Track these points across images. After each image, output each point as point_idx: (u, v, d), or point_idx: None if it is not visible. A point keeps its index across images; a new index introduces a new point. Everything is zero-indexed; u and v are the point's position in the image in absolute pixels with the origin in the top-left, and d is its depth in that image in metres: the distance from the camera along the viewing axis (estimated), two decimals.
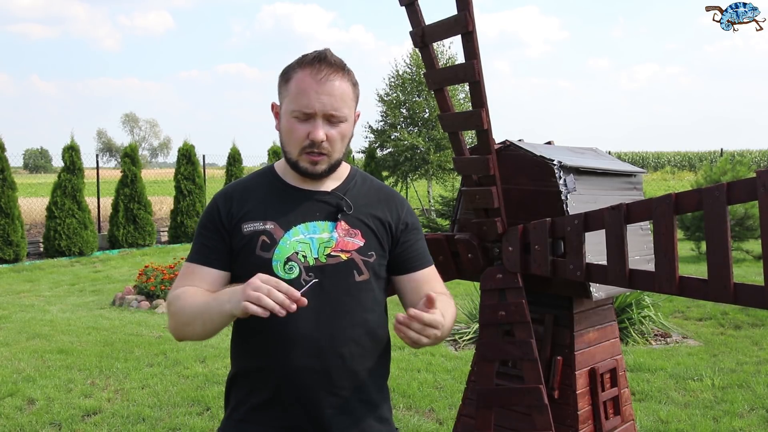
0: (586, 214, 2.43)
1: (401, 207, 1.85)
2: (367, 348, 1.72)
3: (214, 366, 5.84)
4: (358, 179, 1.85)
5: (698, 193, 2.17)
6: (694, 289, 2.22)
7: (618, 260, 2.36)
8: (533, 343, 2.50)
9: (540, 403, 2.47)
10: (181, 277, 1.76)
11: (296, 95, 1.68)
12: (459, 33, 2.43)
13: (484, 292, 2.66)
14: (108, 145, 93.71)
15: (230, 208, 1.75)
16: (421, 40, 2.56)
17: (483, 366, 2.63)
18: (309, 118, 1.67)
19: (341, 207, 1.75)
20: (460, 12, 2.40)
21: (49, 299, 9.49)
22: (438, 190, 21.60)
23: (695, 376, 5.50)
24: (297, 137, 1.69)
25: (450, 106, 2.60)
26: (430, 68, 2.58)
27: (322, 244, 1.71)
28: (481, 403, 2.61)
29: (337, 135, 1.71)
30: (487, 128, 2.48)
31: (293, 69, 1.71)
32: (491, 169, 2.52)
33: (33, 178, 46.55)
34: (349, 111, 1.72)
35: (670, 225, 2.23)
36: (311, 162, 1.71)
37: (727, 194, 2.09)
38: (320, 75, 1.66)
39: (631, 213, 2.33)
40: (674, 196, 2.23)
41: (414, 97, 21.18)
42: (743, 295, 2.12)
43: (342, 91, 1.69)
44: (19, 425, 4.57)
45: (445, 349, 6.42)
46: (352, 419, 1.70)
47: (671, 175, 38.08)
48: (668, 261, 2.24)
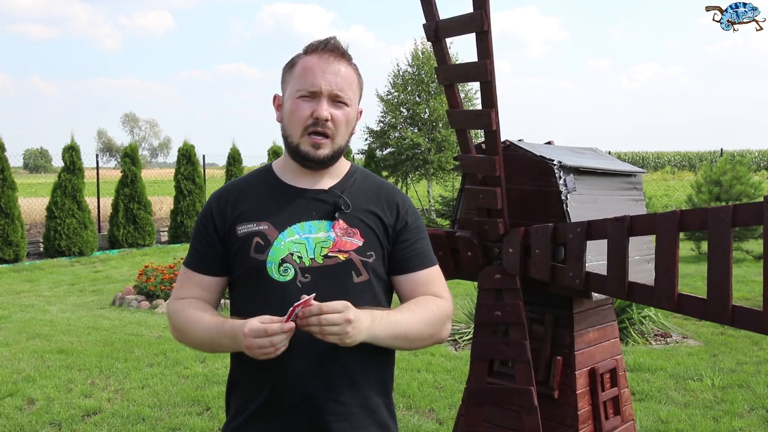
0: (589, 222, 2.42)
1: (402, 205, 1.79)
2: (367, 353, 1.66)
3: (214, 366, 5.84)
4: (358, 176, 1.80)
5: (704, 213, 2.15)
6: (693, 307, 2.22)
7: (618, 272, 2.35)
8: (527, 345, 2.50)
9: (530, 405, 2.48)
10: (179, 283, 1.79)
11: (302, 75, 1.67)
12: (473, 31, 2.40)
13: (482, 291, 2.66)
14: (108, 145, 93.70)
15: (224, 210, 1.73)
16: (434, 34, 2.53)
17: (476, 364, 2.64)
18: (314, 97, 1.66)
19: (339, 205, 1.70)
20: (476, 10, 2.37)
21: (49, 299, 9.49)
22: (438, 190, 21.59)
23: (695, 376, 5.50)
24: (300, 116, 1.66)
25: (459, 103, 2.58)
26: (442, 63, 2.56)
27: (319, 244, 1.66)
28: (471, 401, 2.63)
29: (342, 117, 1.68)
30: (496, 129, 2.46)
31: (299, 56, 1.72)
32: (497, 170, 2.50)
33: (33, 178, 46.54)
34: (353, 95, 1.71)
35: (673, 242, 2.22)
36: (314, 144, 1.67)
37: (732, 217, 2.08)
38: (326, 55, 1.67)
39: (634, 226, 2.32)
40: (679, 214, 2.21)
41: (414, 97, 21.16)
42: (741, 318, 2.13)
43: (348, 74, 1.69)
44: (19, 425, 4.57)
45: (445, 349, 6.42)
46: (352, 425, 1.67)
47: (671, 175, 38.06)
48: (669, 277, 2.23)
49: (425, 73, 21.08)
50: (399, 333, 1.61)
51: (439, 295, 1.76)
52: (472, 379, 2.64)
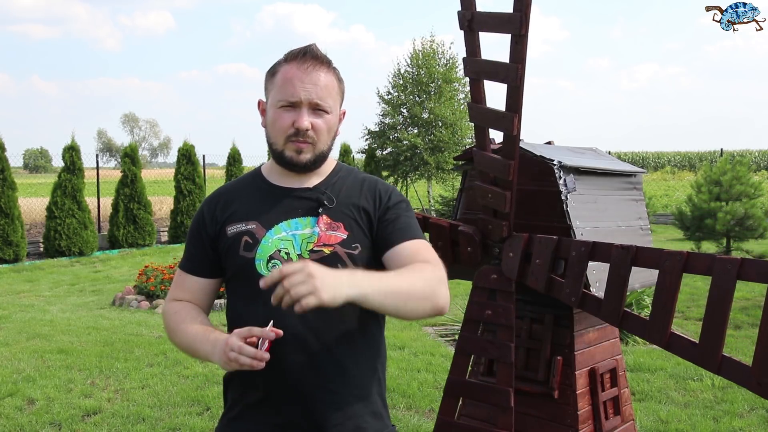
0: (594, 243, 2.42)
1: (384, 192, 1.79)
2: (357, 342, 1.71)
3: (214, 366, 5.83)
4: (343, 173, 1.83)
5: (710, 260, 2.15)
6: (683, 349, 2.23)
7: (615, 298, 2.35)
8: (512, 347, 2.52)
9: (506, 405, 2.51)
10: (174, 285, 1.87)
11: (282, 86, 1.70)
12: (510, 32, 2.36)
13: (476, 288, 2.66)
14: (108, 145, 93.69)
15: (214, 213, 1.80)
16: (468, 24, 2.47)
17: (459, 358, 2.66)
18: (294, 107, 1.69)
19: (322, 201, 1.74)
20: (515, 12, 2.33)
21: (49, 299, 9.49)
22: (438, 190, 21.60)
23: (695, 376, 5.50)
24: (282, 126, 1.70)
25: (483, 99, 2.55)
26: (472, 55, 2.51)
27: (305, 240, 1.71)
28: (448, 392, 2.66)
29: (323, 125, 1.71)
30: (516, 134, 2.44)
31: (279, 64, 1.74)
32: (511, 174, 2.49)
33: (33, 178, 46.54)
34: (333, 103, 1.74)
35: (675, 282, 2.21)
36: (296, 150, 1.70)
37: (738, 269, 2.08)
38: (305, 65, 1.69)
39: (639, 257, 2.31)
40: (686, 255, 2.21)
41: (414, 98, 21.16)
42: (728, 369, 2.13)
43: (327, 82, 1.71)
44: (19, 425, 4.57)
45: (445, 349, 6.43)
46: (346, 414, 1.70)
47: (671, 175, 38.07)
48: (664, 314, 2.23)
49: (425, 73, 21.08)
50: (391, 289, 1.53)
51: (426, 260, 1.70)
52: (453, 371, 2.67)
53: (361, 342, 1.73)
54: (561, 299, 2.48)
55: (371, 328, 1.77)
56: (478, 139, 2.61)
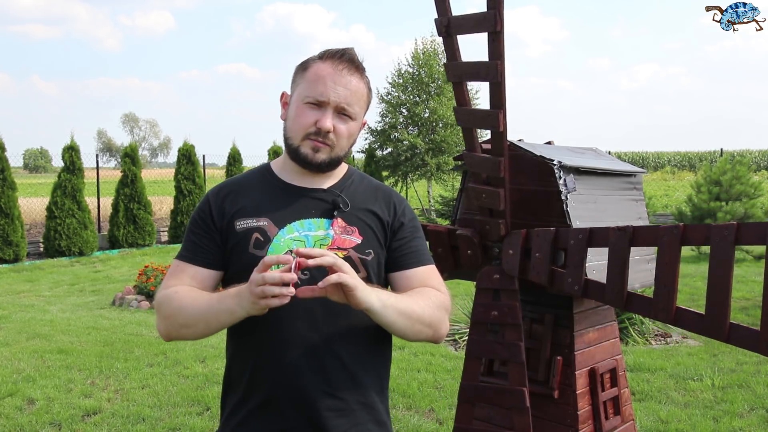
0: (591, 229, 2.41)
1: (399, 205, 1.80)
2: (366, 349, 1.68)
3: (214, 366, 5.84)
4: (356, 177, 1.82)
5: (707, 229, 2.15)
6: (690, 322, 2.22)
7: (617, 281, 2.34)
8: (522, 346, 2.51)
9: (522, 405, 2.49)
10: (170, 275, 1.72)
11: (312, 82, 1.67)
12: (486, 31, 2.38)
13: (479, 290, 2.66)
14: (108, 145, 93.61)
15: (222, 205, 1.72)
16: (445, 29, 2.50)
17: (469, 362, 2.65)
18: (320, 107, 1.66)
19: (337, 204, 1.71)
20: (489, 10, 2.36)
21: (49, 299, 9.48)
22: (438, 190, 21.58)
23: (695, 376, 5.50)
24: (304, 122, 1.67)
25: (467, 101, 2.56)
26: (452, 60, 2.54)
27: (318, 241, 1.67)
28: (463, 398, 2.64)
29: (345, 130, 1.69)
30: (503, 131, 2.45)
31: (313, 60, 1.71)
32: (501, 171, 2.49)
33: (33, 178, 46.55)
34: (360, 110, 1.72)
35: (675, 256, 2.21)
36: (313, 148, 1.67)
37: (735, 235, 2.08)
38: (340, 66, 1.67)
39: (636, 236, 2.31)
40: (682, 228, 2.21)
41: (414, 98, 21.15)
42: (737, 336, 2.12)
43: (357, 88, 1.69)
44: (19, 425, 4.57)
45: (445, 349, 6.42)
46: (351, 422, 1.66)
47: (671, 175, 38.06)
48: (668, 291, 2.23)
49: (425, 73, 21.07)
50: (404, 310, 1.59)
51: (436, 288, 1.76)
52: (466, 376, 2.65)
53: (370, 350, 1.70)
54: (564, 290, 2.48)
55: (381, 337, 1.73)
56: (466, 141, 2.62)
